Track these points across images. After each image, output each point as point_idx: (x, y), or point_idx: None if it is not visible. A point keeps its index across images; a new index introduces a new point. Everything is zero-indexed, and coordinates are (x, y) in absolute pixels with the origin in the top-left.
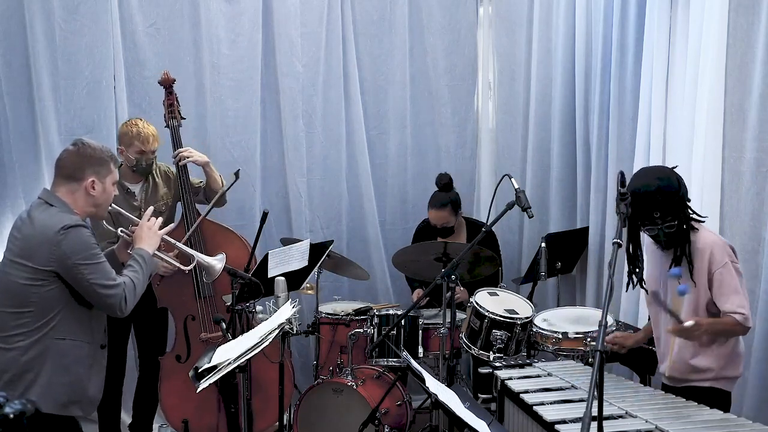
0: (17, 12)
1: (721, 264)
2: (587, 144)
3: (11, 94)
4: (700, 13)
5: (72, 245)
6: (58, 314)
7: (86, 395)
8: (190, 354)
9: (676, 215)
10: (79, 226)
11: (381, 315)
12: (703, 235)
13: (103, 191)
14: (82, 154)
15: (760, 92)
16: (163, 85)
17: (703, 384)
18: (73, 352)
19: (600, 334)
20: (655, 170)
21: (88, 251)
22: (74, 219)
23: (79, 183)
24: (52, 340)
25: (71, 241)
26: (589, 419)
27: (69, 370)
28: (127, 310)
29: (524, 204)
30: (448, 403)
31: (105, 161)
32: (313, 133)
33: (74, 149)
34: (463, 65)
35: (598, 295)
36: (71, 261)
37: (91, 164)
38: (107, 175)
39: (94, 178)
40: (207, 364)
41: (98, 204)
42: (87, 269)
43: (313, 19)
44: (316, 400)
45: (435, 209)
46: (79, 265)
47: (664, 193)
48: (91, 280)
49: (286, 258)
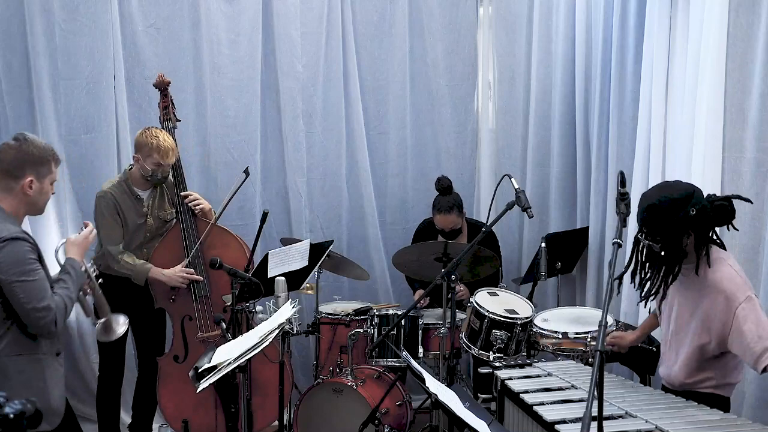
0: (17, 12)
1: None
2: (587, 144)
3: (11, 94)
4: (700, 13)
5: (7, 260)
6: (8, 331)
7: (50, 407)
8: (187, 354)
9: (664, 238)
10: (17, 238)
11: (381, 315)
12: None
13: (41, 191)
14: (24, 151)
15: (760, 92)
16: (158, 87)
17: (704, 390)
18: (30, 366)
19: (600, 334)
20: (668, 186)
21: (23, 266)
22: (13, 231)
23: (16, 181)
24: (8, 358)
25: (6, 255)
26: (589, 419)
27: (29, 385)
28: (57, 332)
29: (524, 204)
30: (448, 403)
31: (46, 161)
32: (313, 133)
33: (16, 145)
34: (463, 65)
35: (598, 295)
36: (5, 276)
37: (32, 163)
38: (47, 175)
39: (33, 178)
40: (207, 364)
41: (33, 203)
42: (20, 287)
43: (313, 19)
44: (316, 400)
45: (443, 214)
46: (13, 283)
47: (653, 210)
48: (22, 300)
49: (286, 258)
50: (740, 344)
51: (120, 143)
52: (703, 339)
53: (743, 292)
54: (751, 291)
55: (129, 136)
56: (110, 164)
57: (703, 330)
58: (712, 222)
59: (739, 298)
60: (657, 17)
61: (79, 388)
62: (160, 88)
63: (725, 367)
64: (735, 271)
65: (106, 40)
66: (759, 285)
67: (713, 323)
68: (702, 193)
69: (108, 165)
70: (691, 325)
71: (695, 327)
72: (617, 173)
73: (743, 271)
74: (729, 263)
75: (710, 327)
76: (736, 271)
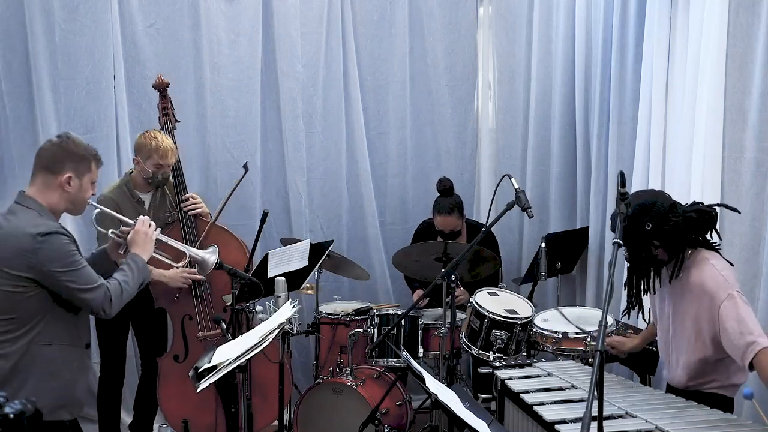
0: (17, 12)
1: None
2: (587, 144)
3: (11, 94)
4: (700, 13)
5: (49, 254)
6: (42, 319)
7: (74, 398)
8: (188, 354)
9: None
10: (56, 233)
11: (381, 315)
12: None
13: (80, 189)
14: (64, 147)
15: (760, 92)
16: (157, 88)
17: (708, 390)
18: (59, 356)
19: (600, 334)
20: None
21: (65, 259)
22: (51, 225)
23: (55, 176)
24: (38, 346)
25: (48, 249)
26: (589, 419)
27: (56, 374)
28: (112, 312)
29: (524, 204)
30: (448, 403)
31: (86, 159)
32: (313, 133)
33: (57, 141)
34: (463, 65)
35: (598, 295)
36: (48, 269)
37: (72, 159)
38: (86, 173)
39: (72, 174)
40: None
41: (73, 201)
42: (65, 276)
43: (313, 19)
44: (316, 400)
45: (443, 215)
46: (57, 273)
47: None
48: (70, 285)
49: (286, 258)
50: (727, 342)
51: (120, 143)
52: (699, 342)
53: (725, 290)
54: (733, 288)
55: (129, 136)
56: (110, 164)
57: (696, 332)
58: (684, 232)
59: (720, 297)
60: (657, 17)
61: None
62: (159, 89)
63: (728, 370)
64: (717, 271)
65: (106, 40)
66: (759, 285)
67: (703, 324)
68: (667, 202)
69: (108, 165)
70: (685, 328)
71: (689, 330)
72: (617, 173)
73: (729, 268)
74: (712, 263)
75: (701, 328)
76: (718, 270)
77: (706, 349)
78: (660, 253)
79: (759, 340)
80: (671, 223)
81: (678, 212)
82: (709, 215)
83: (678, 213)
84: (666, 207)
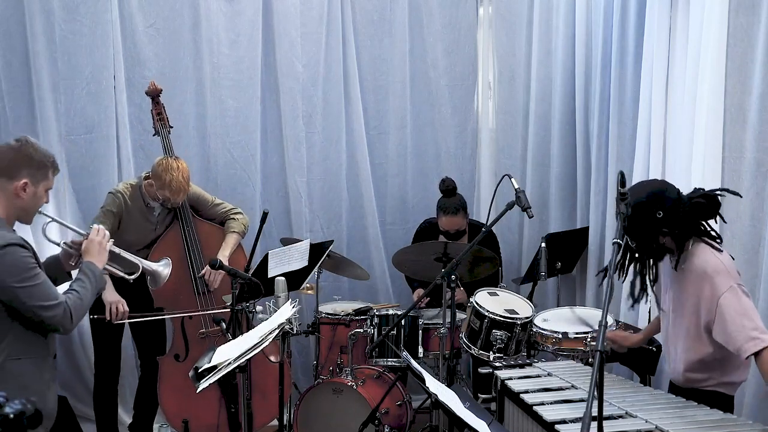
0: (17, 12)
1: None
2: (587, 144)
3: (11, 94)
4: (700, 13)
5: (6, 267)
6: (8, 335)
7: (47, 410)
8: (188, 353)
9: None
10: (13, 245)
11: (381, 315)
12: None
13: (34, 196)
14: (23, 153)
15: (760, 92)
16: (150, 95)
17: (706, 388)
18: (30, 369)
19: (600, 334)
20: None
21: (23, 273)
22: (9, 237)
23: (10, 181)
24: (9, 361)
25: (5, 262)
26: (589, 419)
27: (28, 388)
28: (72, 327)
29: (524, 204)
30: (448, 403)
31: (44, 166)
32: (313, 133)
33: (16, 146)
34: (463, 65)
35: (598, 295)
36: (6, 284)
37: (29, 165)
38: (42, 180)
39: (28, 180)
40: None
41: (24, 208)
42: (23, 292)
43: (313, 19)
44: (316, 400)
45: (449, 216)
46: (15, 288)
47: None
48: (27, 302)
49: (286, 258)
50: (723, 333)
51: (120, 143)
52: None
53: (726, 281)
54: (734, 280)
55: (129, 136)
56: (110, 164)
57: (695, 322)
58: (693, 218)
59: (722, 288)
60: (657, 17)
61: (78, 387)
62: (152, 95)
63: (725, 368)
64: (719, 259)
65: (106, 40)
66: (759, 285)
67: (701, 308)
68: (674, 190)
69: (108, 165)
70: (684, 316)
71: (688, 318)
72: (617, 173)
73: (730, 260)
74: (713, 251)
75: (700, 316)
76: (720, 259)
77: (701, 337)
78: (667, 241)
79: (763, 337)
80: (681, 210)
81: (685, 199)
82: (714, 199)
83: (685, 200)
84: (675, 195)
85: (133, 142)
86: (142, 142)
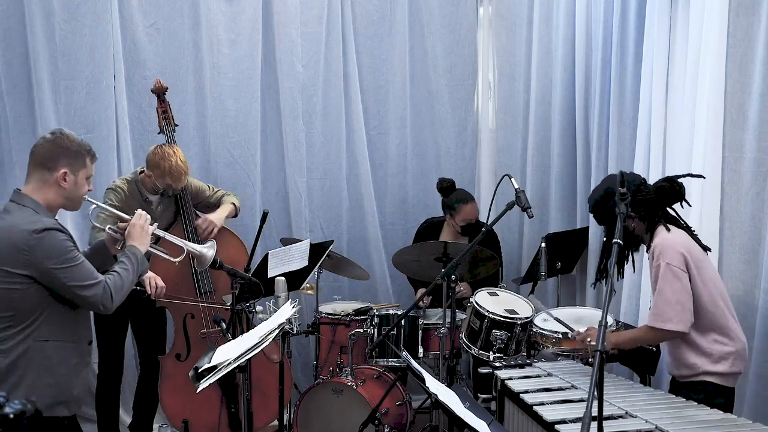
0: (17, 12)
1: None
2: (587, 144)
3: (11, 94)
4: (700, 13)
5: (45, 250)
6: (40, 316)
7: (71, 395)
8: (189, 352)
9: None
10: (52, 229)
11: (381, 315)
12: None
13: (75, 184)
14: (59, 144)
15: (760, 92)
16: (156, 92)
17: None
18: (57, 353)
19: (600, 334)
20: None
21: (62, 256)
22: (47, 222)
23: (50, 173)
24: (36, 342)
25: (45, 246)
26: (589, 419)
27: (53, 371)
28: (113, 306)
29: (524, 204)
30: (448, 403)
31: (81, 155)
32: (313, 133)
33: (51, 138)
34: (463, 65)
35: (598, 295)
36: (45, 266)
37: (66, 155)
38: (81, 168)
39: (67, 170)
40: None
41: (69, 197)
42: (63, 273)
43: (313, 19)
44: (316, 400)
45: (472, 202)
46: (54, 270)
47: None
48: (67, 282)
49: (286, 258)
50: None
51: (120, 143)
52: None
53: (665, 257)
54: (672, 259)
55: (129, 136)
56: (110, 164)
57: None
58: (657, 202)
59: (665, 257)
60: (657, 17)
61: None
62: (158, 93)
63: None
64: (666, 237)
65: (106, 40)
66: (759, 285)
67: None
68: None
69: (108, 165)
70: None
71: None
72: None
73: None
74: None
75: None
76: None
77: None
78: (637, 225)
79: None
80: (642, 193)
81: (648, 185)
82: (678, 184)
83: (648, 185)
84: (637, 182)
85: (133, 142)
86: (142, 142)
